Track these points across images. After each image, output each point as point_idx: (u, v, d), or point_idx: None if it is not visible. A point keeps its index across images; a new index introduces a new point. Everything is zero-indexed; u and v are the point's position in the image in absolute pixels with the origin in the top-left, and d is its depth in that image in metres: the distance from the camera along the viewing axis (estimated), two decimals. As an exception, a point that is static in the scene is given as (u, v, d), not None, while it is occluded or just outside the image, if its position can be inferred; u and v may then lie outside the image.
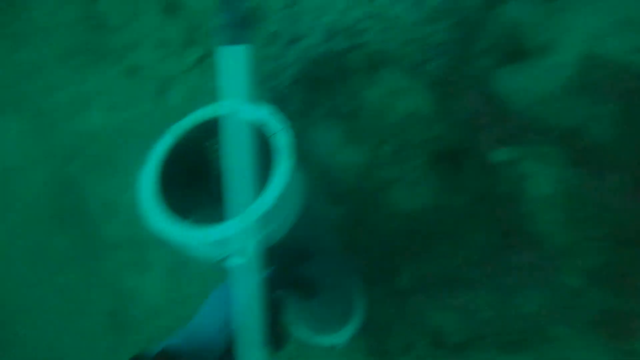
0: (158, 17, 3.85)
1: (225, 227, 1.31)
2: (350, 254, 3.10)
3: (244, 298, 1.27)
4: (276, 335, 1.35)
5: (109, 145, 4.15)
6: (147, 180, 1.43)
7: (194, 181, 1.61)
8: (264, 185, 1.36)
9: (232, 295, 1.31)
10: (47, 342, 4.01)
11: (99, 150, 4.22)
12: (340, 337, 2.73)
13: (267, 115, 1.50)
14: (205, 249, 1.37)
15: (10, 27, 4.91)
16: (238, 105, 1.49)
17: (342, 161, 3.26)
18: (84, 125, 4.29)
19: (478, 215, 3.00)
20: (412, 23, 2.86)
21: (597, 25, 3.09)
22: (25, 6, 4.89)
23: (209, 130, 1.55)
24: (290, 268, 1.47)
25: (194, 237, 1.33)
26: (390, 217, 3.03)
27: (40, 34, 4.72)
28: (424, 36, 2.90)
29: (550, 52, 3.12)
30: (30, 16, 4.83)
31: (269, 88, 2.90)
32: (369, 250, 3.07)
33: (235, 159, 1.34)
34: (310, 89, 3.11)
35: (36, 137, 4.54)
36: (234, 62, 1.40)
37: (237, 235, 1.29)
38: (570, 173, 2.72)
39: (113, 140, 4.14)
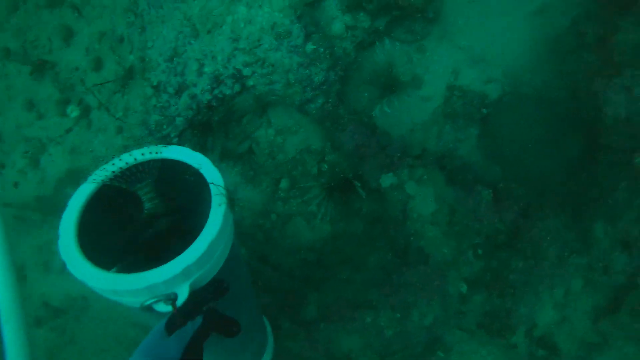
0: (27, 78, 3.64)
1: (153, 274, 1.29)
2: (258, 290, 3.14)
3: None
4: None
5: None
6: (67, 228, 1.39)
7: (121, 227, 1.57)
8: (195, 230, 1.36)
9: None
10: None
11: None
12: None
13: (197, 163, 1.51)
14: (132, 295, 1.35)
15: None
16: (164, 150, 1.49)
17: (241, 200, 3.33)
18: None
19: (373, 239, 3.22)
20: (293, 66, 3.06)
21: (456, 61, 3.54)
22: None
23: (135, 176, 1.53)
24: (205, 302, 1.48)
25: (119, 284, 1.28)
26: (292, 251, 3.14)
27: None
28: (305, 77, 3.11)
29: (420, 85, 3.50)
30: None
31: (159, 138, 2.91)
32: (275, 285, 3.13)
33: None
34: (202, 134, 3.17)
35: None
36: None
37: (165, 282, 1.27)
38: (447, 191, 3.04)
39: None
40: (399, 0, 3.10)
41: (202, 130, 3.19)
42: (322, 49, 3.06)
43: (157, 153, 1.52)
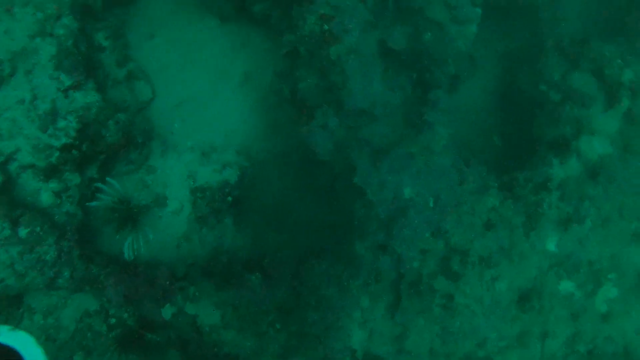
0: None
1: None
2: None
3: None
4: None
5: None
6: None
7: None
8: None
9: None
10: None
11: None
12: None
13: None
14: None
15: None
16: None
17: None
18: None
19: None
20: (15, 258, 2.91)
21: (189, 164, 3.70)
22: None
23: None
24: None
25: None
26: None
27: None
28: (37, 261, 2.99)
29: (165, 202, 3.59)
30: None
31: None
32: None
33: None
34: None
35: None
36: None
37: None
38: (222, 295, 3.18)
39: None
40: (96, 146, 3.14)
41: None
42: (38, 228, 2.96)
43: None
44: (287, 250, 3.45)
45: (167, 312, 3.17)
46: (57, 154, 3.01)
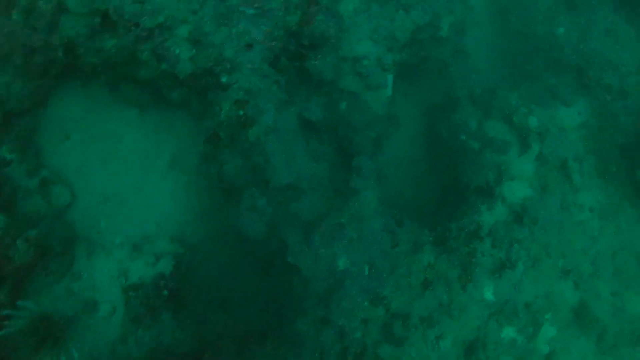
0: None
1: None
2: None
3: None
4: None
5: None
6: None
7: None
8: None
9: None
10: None
11: None
12: None
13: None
14: None
15: None
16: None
17: None
18: None
19: None
20: None
21: (120, 261, 3.59)
22: None
23: None
24: None
25: None
26: None
27: None
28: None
29: (96, 307, 3.44)
30: None
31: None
32: None
33: None
34: None
35: None
36: None
37: None
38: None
39: None
40: (3, 270, 2.98)
41: None
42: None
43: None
44: (229, 337, 3.37)
45: None
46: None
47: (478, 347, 3.61)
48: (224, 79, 3.46)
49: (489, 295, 3.72)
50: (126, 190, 3.86)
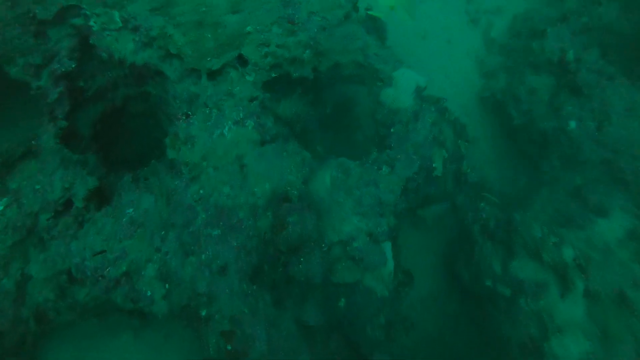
0: None
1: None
2: None
3: None
4: None
5: None
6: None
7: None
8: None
9: None
10: None
11: None
12: None
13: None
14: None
15: None
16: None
17: None
18: None
19: None
20: None
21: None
22: None
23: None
24: None
25: None
26: None
27: None
28: None
29: None
30: None
31: None
32: None
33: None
34: None
35: None
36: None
37: None
38: None
39: None
40: None
41: None
42: None
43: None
44: None
45: None
46: None
47: None
48: (203, 313, 3.13)
49: None
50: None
